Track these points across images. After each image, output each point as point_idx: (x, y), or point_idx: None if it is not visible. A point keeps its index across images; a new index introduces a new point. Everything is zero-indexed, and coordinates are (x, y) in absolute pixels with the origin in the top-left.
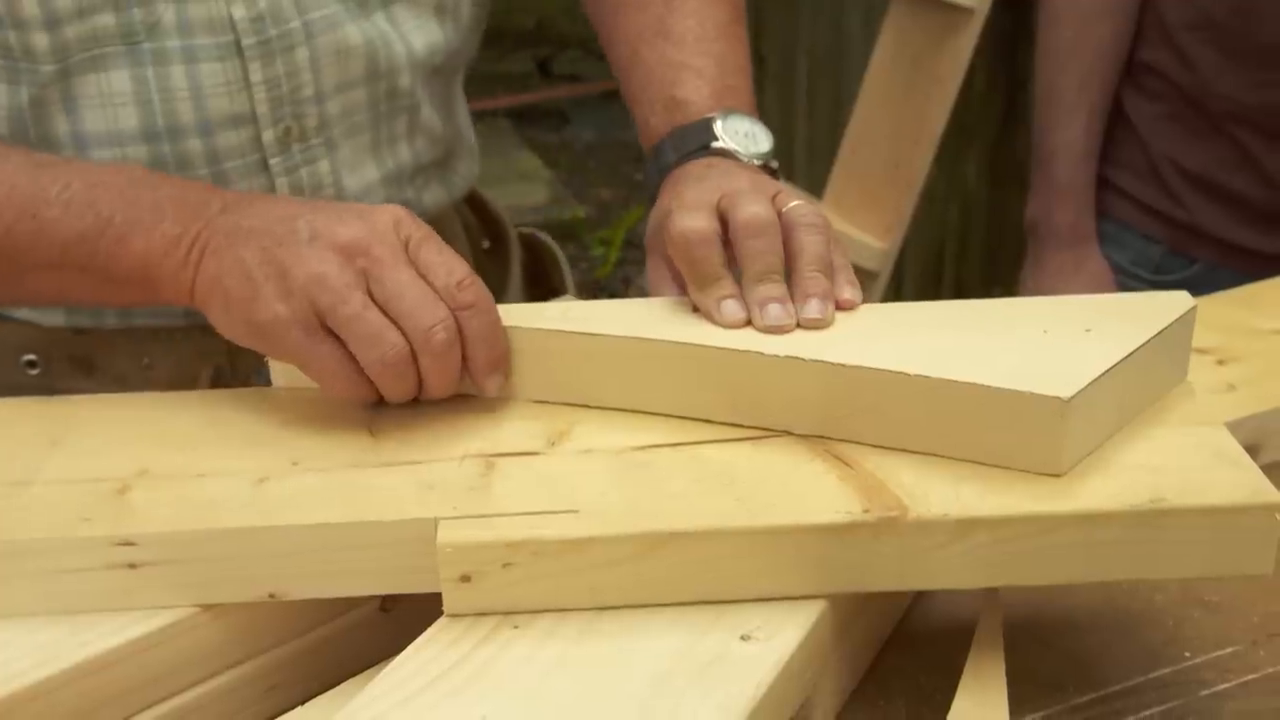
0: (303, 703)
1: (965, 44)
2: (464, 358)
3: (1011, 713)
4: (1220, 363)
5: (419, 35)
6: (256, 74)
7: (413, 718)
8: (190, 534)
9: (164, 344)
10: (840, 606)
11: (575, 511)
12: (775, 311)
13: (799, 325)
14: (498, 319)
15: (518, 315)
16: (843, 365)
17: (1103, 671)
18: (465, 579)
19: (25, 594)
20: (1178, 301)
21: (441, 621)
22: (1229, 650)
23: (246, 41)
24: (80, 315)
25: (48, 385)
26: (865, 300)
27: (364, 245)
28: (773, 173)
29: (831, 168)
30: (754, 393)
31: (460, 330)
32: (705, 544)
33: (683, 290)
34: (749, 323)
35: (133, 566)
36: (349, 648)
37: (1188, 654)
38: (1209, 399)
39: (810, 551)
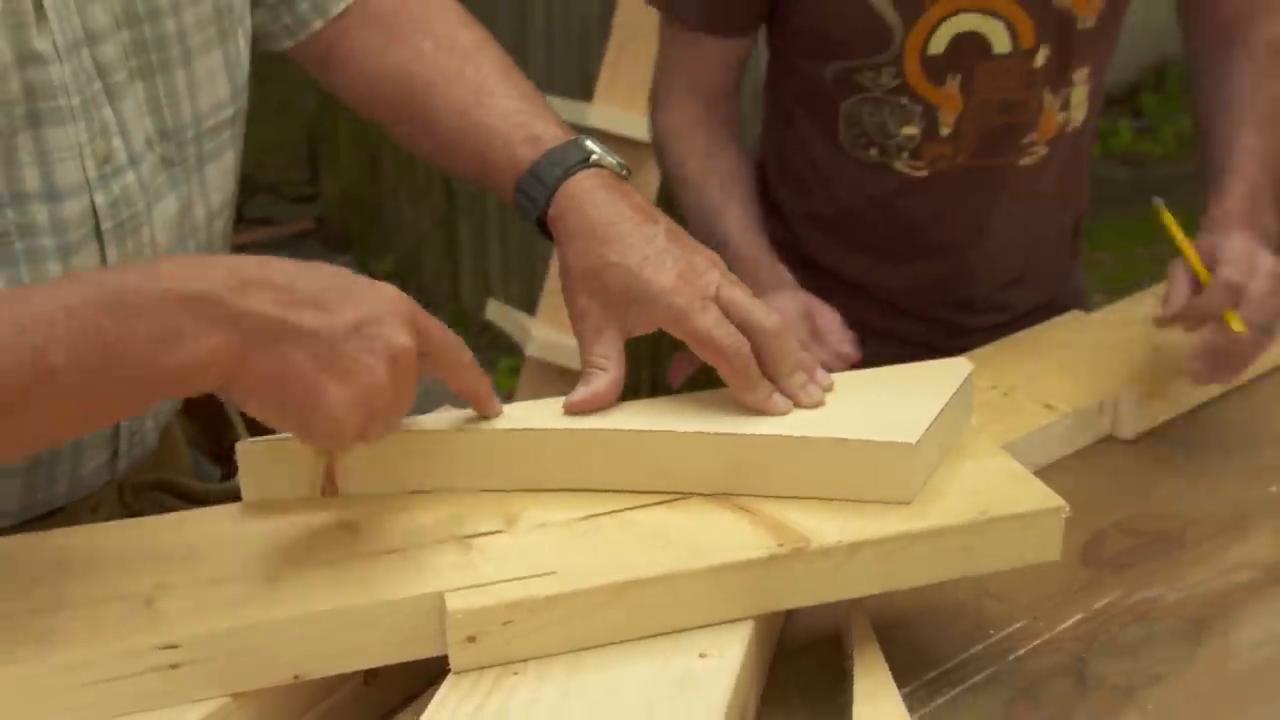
0: None
1: None
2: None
3: None
4: None
5: (217, 194)
6: (113, 255)
7: None
8: (227, 631)
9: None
10: (762, 625)
11: (554, 573)
12: (814, 391)
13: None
14: None
15: (456, 418)
16: (740, 435)
17: (935, 654)
18: (471, 639)
19: (76, 706)
20: (963, 366)
21: (451, 679)
22: (1019, 625)
23: (105, 226)
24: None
25: None
26: None
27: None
28: (628, 174)
29: None
30: (668, 464)
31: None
32: (660, 587)
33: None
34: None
35: (174, 667)
36: (342, 718)
37: (991, 632)
38: (987, 437)
39: (740, 583)
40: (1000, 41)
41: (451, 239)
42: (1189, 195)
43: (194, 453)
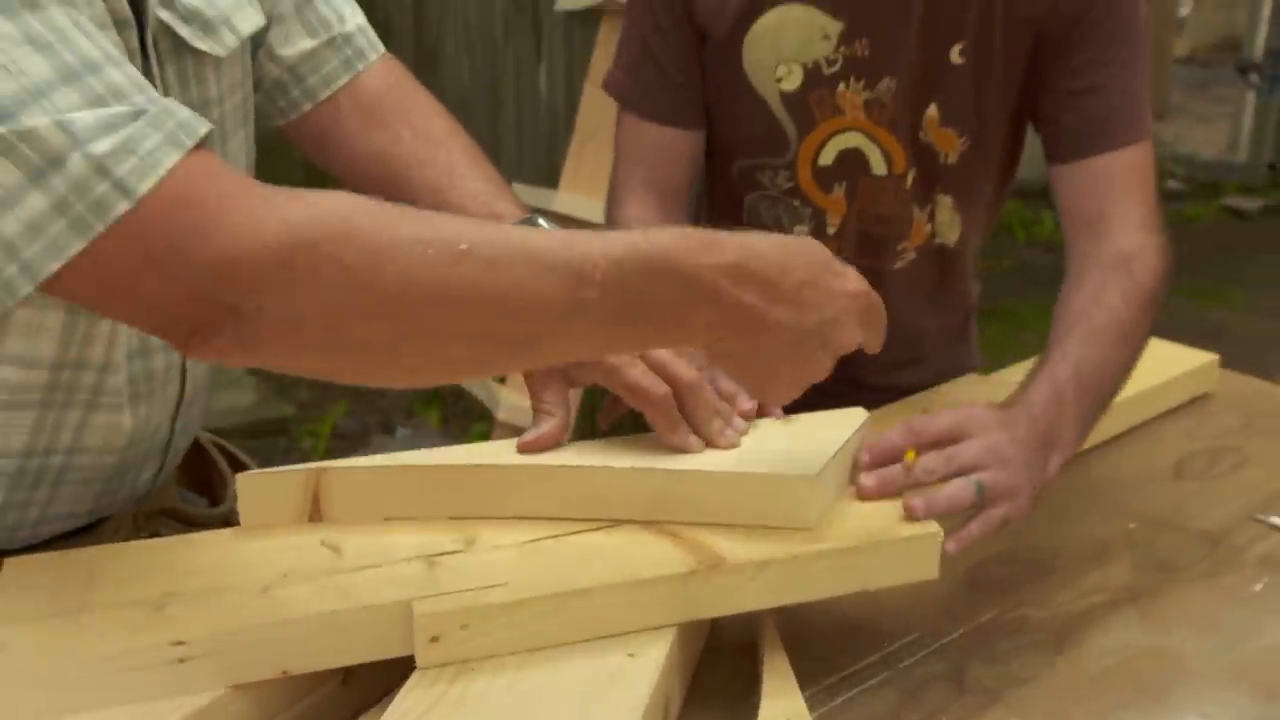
0: None
1: None
2: None
3: None
4: None
5: None
6: None
7: None
8: (225, 631)
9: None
10: (684, 631)
11: (505, 585)
12: (730, 435)
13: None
14: None
15: (425, 456)
16: (666, 470)
17: (837, 662)
18: (434, 639)
19: (99, 691)
20: (859, 414)
21: (416, 674)
22: (910, 638)
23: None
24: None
25: None
26: None
27: None
28: None
29: None
30: (604, 495)
31: None
32: (595, 597)
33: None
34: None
35: (182, 661)
36: (323, 713)
37: (885, 644)
38: None
39: (663, 595)
40: (877, 164)
41: None
42: None
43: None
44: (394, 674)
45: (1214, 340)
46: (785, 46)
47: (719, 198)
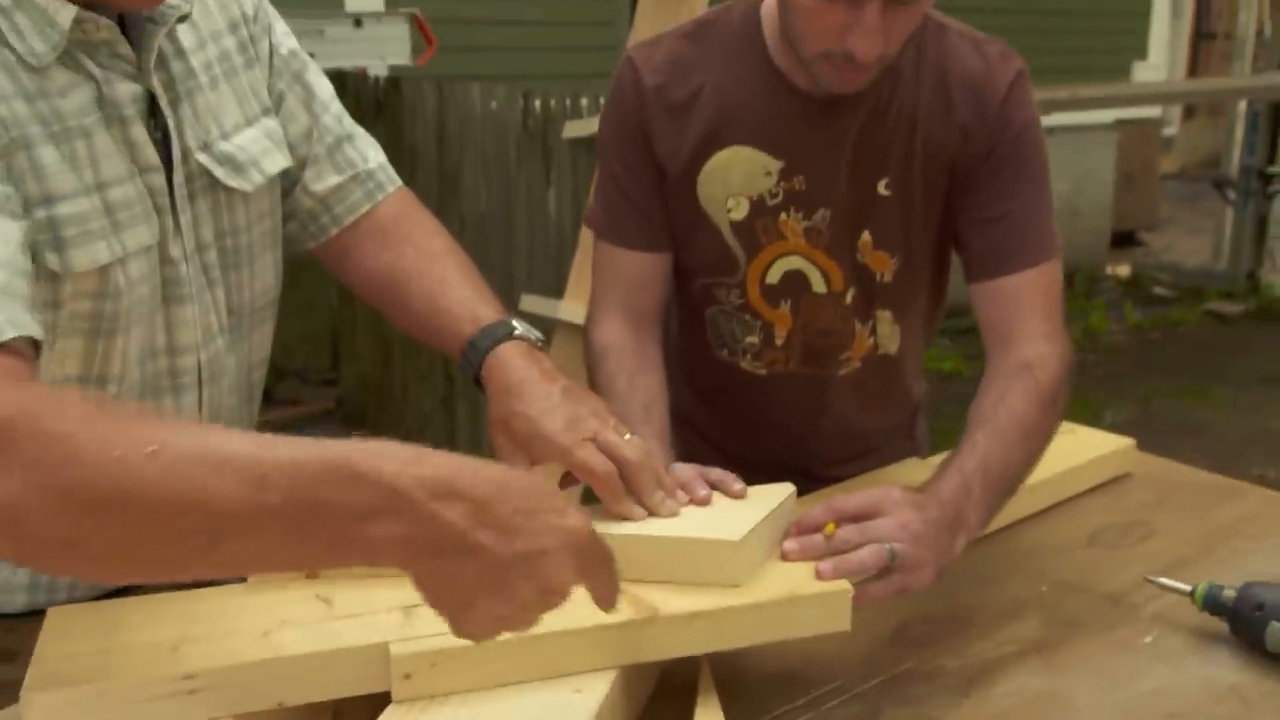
0: None
1: None
2: None
3: None
4: None
5: (259, 352)
6: (206, 395)
7: None
8: (229, 668)
9: None
10: (628, 673)
11: None
12: (670, 505)
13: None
14: None
15: None
16: (611, 534)
17: (769, 704)
18: (407, 676)
19: (126, 716)
20: (786, 488)
21: (392, 705)
22: (834, 684)
23: (204, 376)
24: (39, 594)
25: None
26: None
27: None
28: (543, 345)
29: None
30: None
31: None
32: (547, 642)
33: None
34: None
35: (192, 693)
36: None
37: (812, 690)
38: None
39: (606, 641)
40: (818, 283)
41: (450, 416)
42: None
43: None
44: (379, 707)
45: (1198, 436)
46: (733, 182)
47: (684, 311)
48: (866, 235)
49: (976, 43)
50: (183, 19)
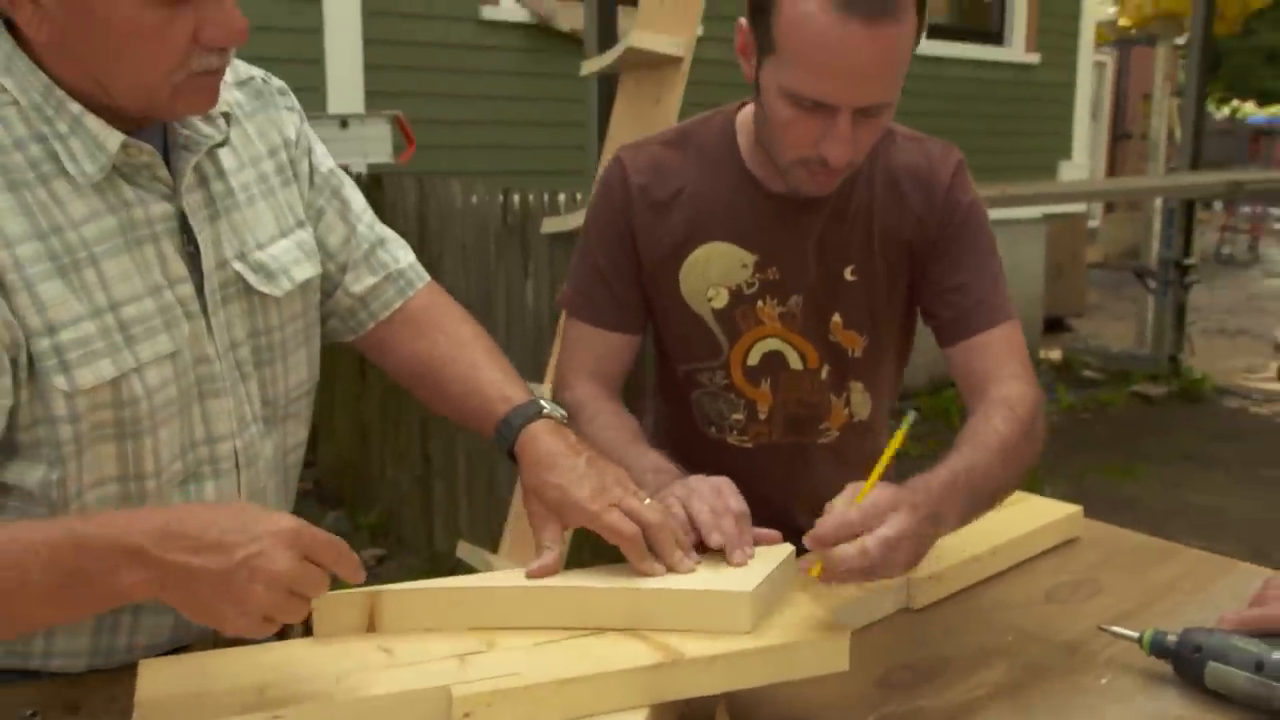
0: None
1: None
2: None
3: None
4: None
5: (294, 438)
6: (244, 479)
7: None
8: (309, 709)
9: (127, 683)
10: (654, 710)
11: (518, 674)
12: (687, 563)
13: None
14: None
15: (455, 581)
16: (637, 589)
17: None
18: (467, 715)
19: None
20: (785, 548)
21: None
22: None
23: (240, 461)
24: (98, 657)
25: None
26: None
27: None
28: (567, 421)
29: None
30: (591, 608)
31: None
32: (585, 683)
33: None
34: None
35: None
36: None
37: None
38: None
39: (636, 681)
40: (795, 362)
41: (427, 496)
42: None
43: None
44: None
45: (1127, 509)
46: (713, 274)
47: (669, 396)
48: (837, 317)
49: (919, 141)
50: (221, 144)
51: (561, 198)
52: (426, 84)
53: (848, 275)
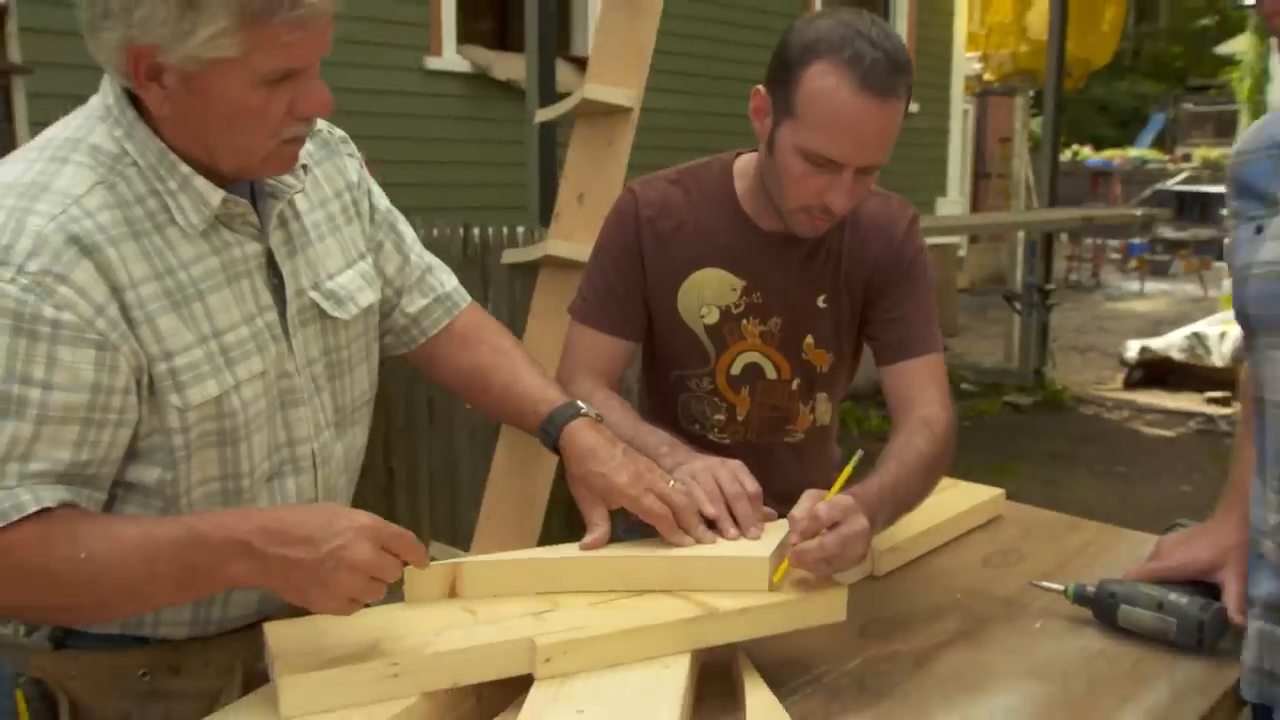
0: None
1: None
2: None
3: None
4: None
5: (357, 441)
6: (321, 475)
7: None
8: (422, 657)
9: (220, 648)
10: (695, 656)
11: (584, 627)
12: (710, 535)
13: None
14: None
15: (521, 554)
16: (675, 556)
17: (783, 679)
18: (547, 660)
19: (349, 696)
20: (784, 524)
21: (537, 683)
22: (825, 666)
23: (318, 461)
24: (196, 626)
25: (151, 687)
26: None
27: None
28: (601, 419)
29: None
30: (636, 573)
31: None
32: (638, 634)
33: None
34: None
35: (396, 676)
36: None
37: (812, 670)
38: None
39: (680, 631)
40: (770, 372)
41: (390, 508)
42: None
43: None
44: (510, 691)
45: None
46: (707, 295)
47: (657, 398)
48: (809, 338)
49: (882, 197)
50: (298, 192)
51: (520, 230)
52: (377, 128)
53: (820, 303)
